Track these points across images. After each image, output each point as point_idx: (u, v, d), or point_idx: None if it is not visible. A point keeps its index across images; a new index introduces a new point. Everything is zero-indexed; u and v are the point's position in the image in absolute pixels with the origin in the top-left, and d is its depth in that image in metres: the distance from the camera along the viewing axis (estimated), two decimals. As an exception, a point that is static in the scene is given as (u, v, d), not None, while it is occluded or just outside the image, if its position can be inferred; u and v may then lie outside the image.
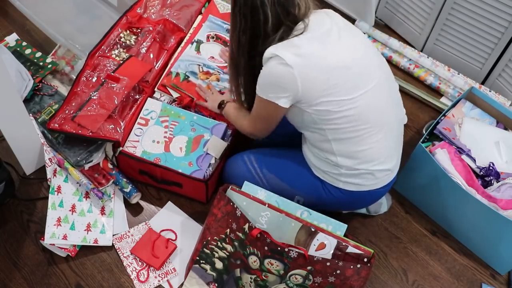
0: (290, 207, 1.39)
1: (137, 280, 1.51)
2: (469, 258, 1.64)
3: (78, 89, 1.74)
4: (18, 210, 1.64)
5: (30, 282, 1.51)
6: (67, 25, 2.10)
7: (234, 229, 1.35)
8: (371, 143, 1.34)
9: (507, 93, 1.92)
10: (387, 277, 1.59)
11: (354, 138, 1.33)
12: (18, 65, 1.85)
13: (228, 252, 1.37)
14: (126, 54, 1.86)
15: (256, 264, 1.33)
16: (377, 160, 1.37)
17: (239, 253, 1.35)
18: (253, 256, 1.33)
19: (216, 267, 1.40)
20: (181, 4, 2.04)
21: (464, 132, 1.66)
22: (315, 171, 1.45)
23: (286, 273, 1.31)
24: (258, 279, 1.35)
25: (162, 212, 1.66)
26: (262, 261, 1.32)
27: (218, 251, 1.38)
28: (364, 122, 1.31)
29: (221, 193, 1.39)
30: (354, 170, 1.37)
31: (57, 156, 1.65)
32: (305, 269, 1.28)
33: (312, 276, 1.28)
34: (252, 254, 1.33)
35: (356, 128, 1.31)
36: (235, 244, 1.35)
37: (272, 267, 1.32)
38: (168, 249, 1.54)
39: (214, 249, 1.39)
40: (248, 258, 1.34)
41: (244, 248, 1.34)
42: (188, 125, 1.70)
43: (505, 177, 1.57)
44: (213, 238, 1.38)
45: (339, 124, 1.30)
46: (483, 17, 1.83)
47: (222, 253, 1.38)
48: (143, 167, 1.63)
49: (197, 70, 1.82)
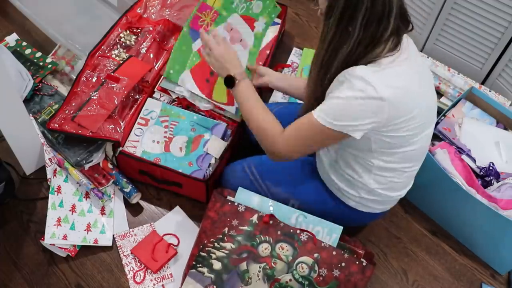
0: (285, 211, 1.39)
1: (133, 281, 1.51)
2: (469, 258, 1.64)
3: (78, 89, 1.74)
4: (18, 210, 1.64)
5: (30, 282, 1.51)
6: (67, 25, 2.09)
7: (235, 226, 1.35)
8: (405, 176, 1.34)
9: (507, 93, 1.92)
10: (387, 277, 1.59)
11: (397, 171, 1.29)
12: (18, 65, 1.85)
13: (227, 250, 1.37)
14: (126, 54, 1.86)
15: (267, 251, 1.34)
16: (400, 189, 1.38)
17: (245, 246, 1.35)
18: (265, 244, 1.34)
19: (214, 268, 1.38)
20: (181, 4, 2.04)
21: (464, 132, 1.66)
22: (328, 184, 1.41)
23: (294, 260, 1.32)
24: (267, 267, 1.35)
25: (168, 216, 1.65)
26: (273, 247, 1.34)
27: (216, 252, 1.38)
28: (412, 161, 1.29)
29: (215, 195, 1.39)
30: (375, 196, 1.35)
31: (57, 156, 1.65)
32: (311, 256, 1.30)
33: (318, 266, 1.30)
34: (263, 242, 1.34)
35: (403, 164, 1.28)
36: (237, 240, 1.36)
37: (282, 251, 1.33)
38: (168, 253, 1.54)
39: (211, 250, 1.38)
40: (258, 247, 1.35)
41: (252, 239, 1.35)
42: (188, 125, 1.70)
43: (505, 177, 1.57)
44: (210, 240, 1.38)
45: (391, 158, 1.24)
46: (483, 17, 1.83)
47: (221, 252, 1.38)
48: (143, 167, 1.63)
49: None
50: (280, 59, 2.10)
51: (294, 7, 2.35)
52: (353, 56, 1.11)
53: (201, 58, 1.77)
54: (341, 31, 1.10)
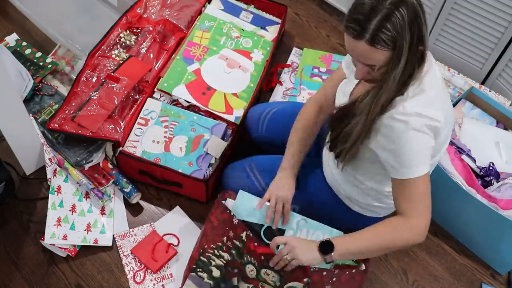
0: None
1: (133, 281, 1.51)
2: (469, 258, 1.64)
3: (78, 89, 1.74)
4: (18, 210, 1.64)
5: (30, 282, 1.51)
6: (67, 25, 2.09)
7: (231, 237, 1.32)
8: None
9: (507, 93, 1.92)
10: (387, 277, 1.59)
11: None
12: (18, 65, 1.85)
13: (225, 260, 1.34)
14: (126, 54, 1.86)
15: (253, 273, 1.30)
16: None
17: (237, 262, 1.32)
18: (250, 265, 1.30)
19: (213, 276, 1.35)
20: (181, 4, 2.04)
21: (464, 132, 1.66)
22: (335, 189, 1.39)
23: (282, 285, 1.27)
24: None
25: (168, 216, 1.65)
26: (258, 271, 1.29)
27: (215, 259, 1.35)
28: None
29: (218, 200, 1.36)
30: (382, 203, 1.34)
31: (57, 156, 1.65)
32: (301, 281, 1.24)
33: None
34: (249, 263, 1.30)
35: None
36: (232, 253, 1.32)
37: (268, 277, 1.28)
38: (168, 253, 1.54)
39: (211, 257, 1.35)
40: (245, 267, 1.31)
41: (241, 256, 1.31)
42: (188, 125, 1.70)
43: (505, 177, 1.57)
44: (210, 246, 1.35)
45: None
46: (483, 17, 1.83)
47: (219, 261, 1.34)
48: (143, 167, 1.63)
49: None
50: (280, 59, 2.10)
51: (294, 7, 2.35)
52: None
53: (197, 77, 1.81)
54: (412, 58, 1.05)
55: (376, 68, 1.06)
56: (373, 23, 0.98)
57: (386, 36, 0.99)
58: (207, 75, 1.83)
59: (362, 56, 1.04)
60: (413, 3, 1.00)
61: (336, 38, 2.24)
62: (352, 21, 1.01)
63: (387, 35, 0.99)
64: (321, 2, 2.39)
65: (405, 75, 1.06)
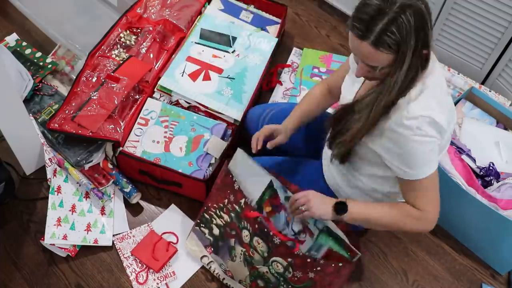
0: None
1: (136, 282, 1.51)
2: (469, 258, 1.64)
3: (78, 89, 1.74)
4: (18, 210, 1.64)
5: (30, 282, 1.51)
6: (67, 25, 2.09)
7: (232, 201, 1.35)
8: None
9: (507, 93, 1.92)
10: (387, 277, 1.59)
11: None
12: (18, 65, 1.85)
13: (224, 221, 1.39)
14: (126, 54, 1.86)
15: (247, 239, 1.34)
16: None
17: (235, 225, 1.36)
18: (246, 231, 1.34)
19: (213, 233, 1.43)
20: (181, 4, 2.04)
21: (464, 132, 1.66)
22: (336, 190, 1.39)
23: (269, 257, 1.31)
24: (246, 254, 1.36)
25: (165, 214, 1.66)
26: (252, 237, 1.33)
27: (216, 218, 1.41)
28: None
29: (226, 163, 1.36)
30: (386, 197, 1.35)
31: (57, 156, 1.65)
32: (285, 259, 1.27)
33: (292, 269, 1.27)
34: (245, 229, 1.34)
35: None
36: (231, 215, 1.36)
37: (258, 246, 1.32)
38: (168, 252, 1.54)
39: (213, 215, 1.41)
40: (242, 231, 1.35)
41: (239, 221, 1.35)
42: (188, 125, 1.70)
43: (505, 177, 1.57)
44: (213, 205, 1.41)
45: None
46: (483, 17, 1.83)
47: (219, 221, 1.40)
48: (143, 167, 1.63)
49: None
50: (280, 59, 2.10)
51: (294, 7, 2.35)
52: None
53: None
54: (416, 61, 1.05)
55: (378, 69, 1.06)
56: (378, 26, 0.98)
57: (390, 39, 0.98)
58: None
59: (365, 57, 1.04)
60: (420, 8, 0.99)
61: (336, 38, 2.24)
62: (358, 21, 1.00)
63: (391, 39, 0.98)
64: (321, 2, 2.39)
65: (408, 77, 1.05)
